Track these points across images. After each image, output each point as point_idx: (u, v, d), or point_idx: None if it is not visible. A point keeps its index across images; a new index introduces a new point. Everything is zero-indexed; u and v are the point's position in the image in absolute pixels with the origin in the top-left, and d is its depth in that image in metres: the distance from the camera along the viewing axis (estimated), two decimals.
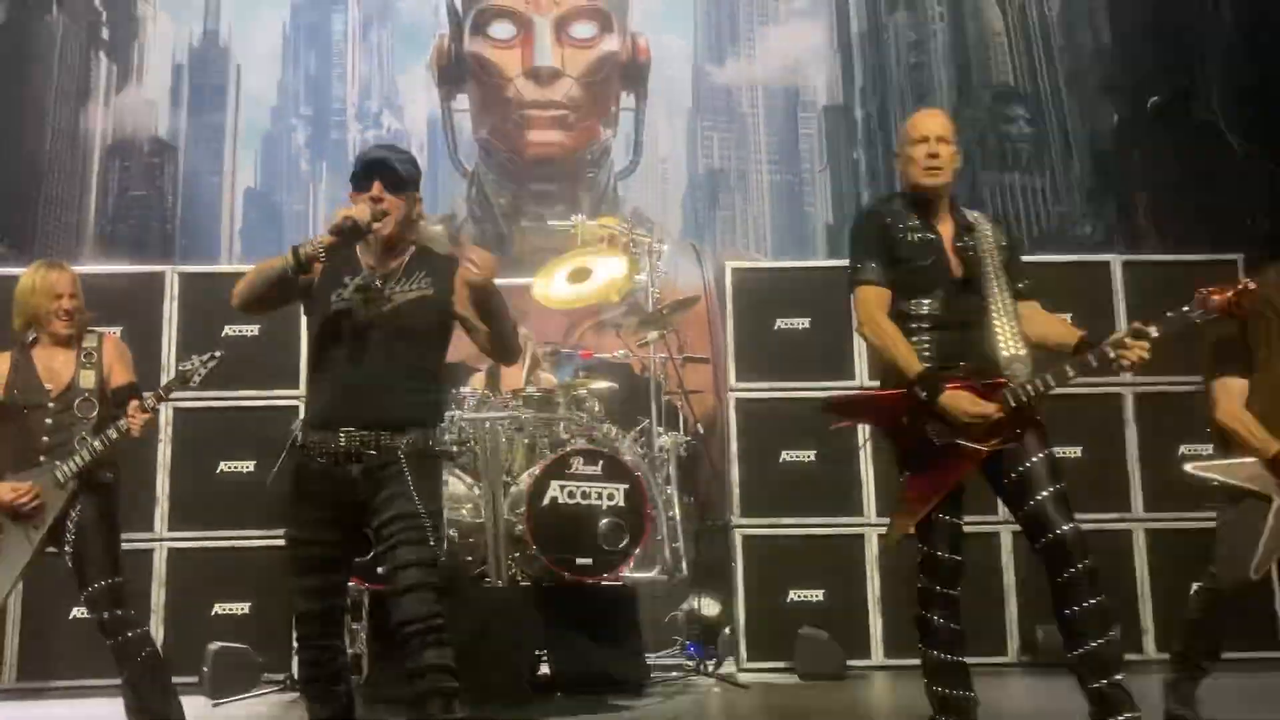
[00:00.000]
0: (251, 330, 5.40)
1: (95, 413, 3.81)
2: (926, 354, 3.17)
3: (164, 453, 5.30)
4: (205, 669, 4.84)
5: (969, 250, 3.27)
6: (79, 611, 5.09)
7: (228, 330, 5.40)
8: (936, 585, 3.18)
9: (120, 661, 3.78)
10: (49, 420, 3.80)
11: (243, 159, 7.31)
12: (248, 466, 5.27)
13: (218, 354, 3.79)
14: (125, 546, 5.06)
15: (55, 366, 3.89)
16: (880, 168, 7.25)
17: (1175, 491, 4.90)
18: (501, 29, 7.44)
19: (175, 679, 4.97)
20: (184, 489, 5.29)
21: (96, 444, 3.71)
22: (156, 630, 5.11)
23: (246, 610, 5.17)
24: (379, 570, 3.13)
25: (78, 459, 3.71)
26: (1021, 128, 7.30)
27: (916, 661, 5.03)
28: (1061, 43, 7.45)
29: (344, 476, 2.94)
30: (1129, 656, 5.04)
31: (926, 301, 3.22)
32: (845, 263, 5.54)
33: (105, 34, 7.47)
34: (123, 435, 3.68)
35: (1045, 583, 3.06)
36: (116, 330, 5.37)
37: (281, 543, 4.96)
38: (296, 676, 3.24)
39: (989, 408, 3.06)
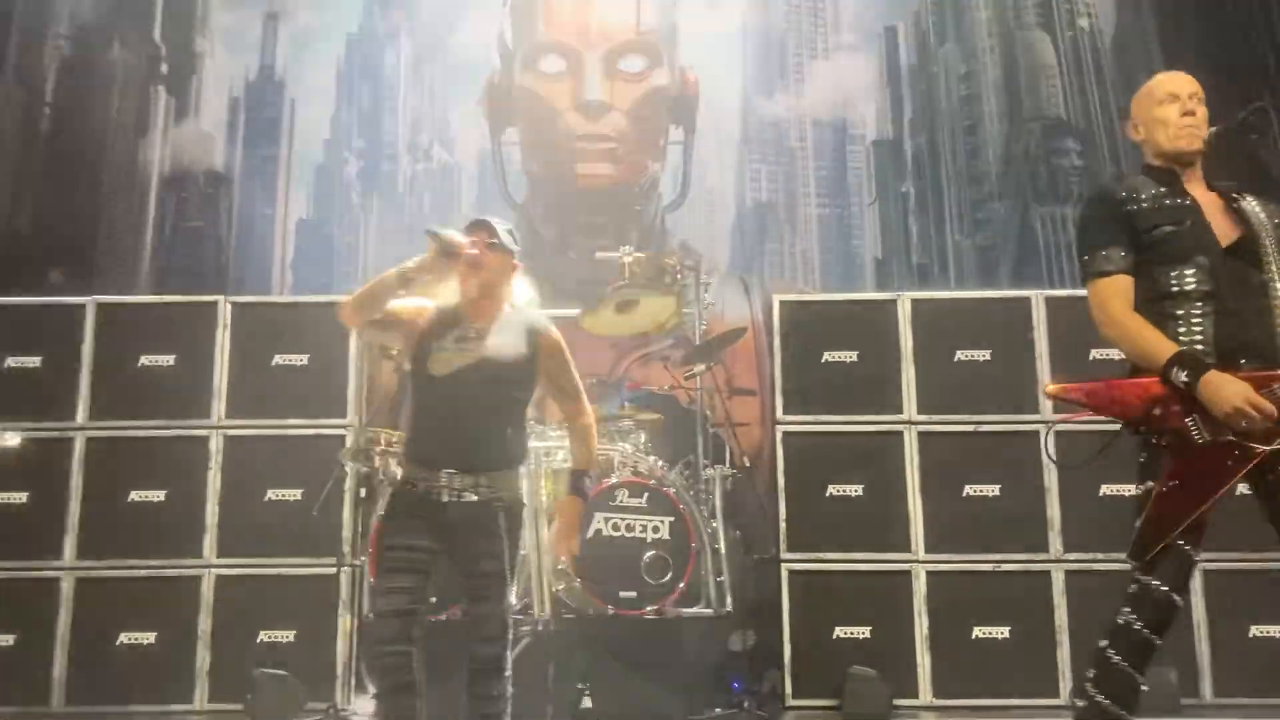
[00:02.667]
0: (301, 360, 5.47)
1: None
2: (1198, 339, 2.68)
3: (213, 480, 5.34)
4: (249, 696, 4.85)
5: (1237, 214, 2.76)
6: (127, 637, 5.18)
7: (277, 359, 5.47)
8: (1142, 625, 2.65)
9: None
10: None
11: (295, 191, 7.42)
12: (295, 495, 5.29)
13: None
14: (174, 573, 5.24)
15: None
16: (930, 201, 7.20)
17: None
18: (551, 63, 7.51)
19: (219, 705, 5.07)
20: (232, 516, 5.33)
21: None
22: (202, 656, 5.15)
23: (291, 638, 5.18)
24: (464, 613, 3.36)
25: None
26: (1073, 160, 7.21)
27: (966, 702, 5.01)
28: (1114, 74, 7.37)
29: (441, 510, 3.20)
30: None
31: (1189, 273, 2.72)
32: (892, 296, 5.60)
33: (164, 69, 7.64)
34: None
35: (1096, 623, 2.84)
36: (169, 359, 5.48)
37: (326, 571, 5.10)
38: (379, 687, 3.21)
39: (1268, 406, 2.52)
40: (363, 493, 5.28)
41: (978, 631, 5.16)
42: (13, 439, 4.18)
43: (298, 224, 7.34)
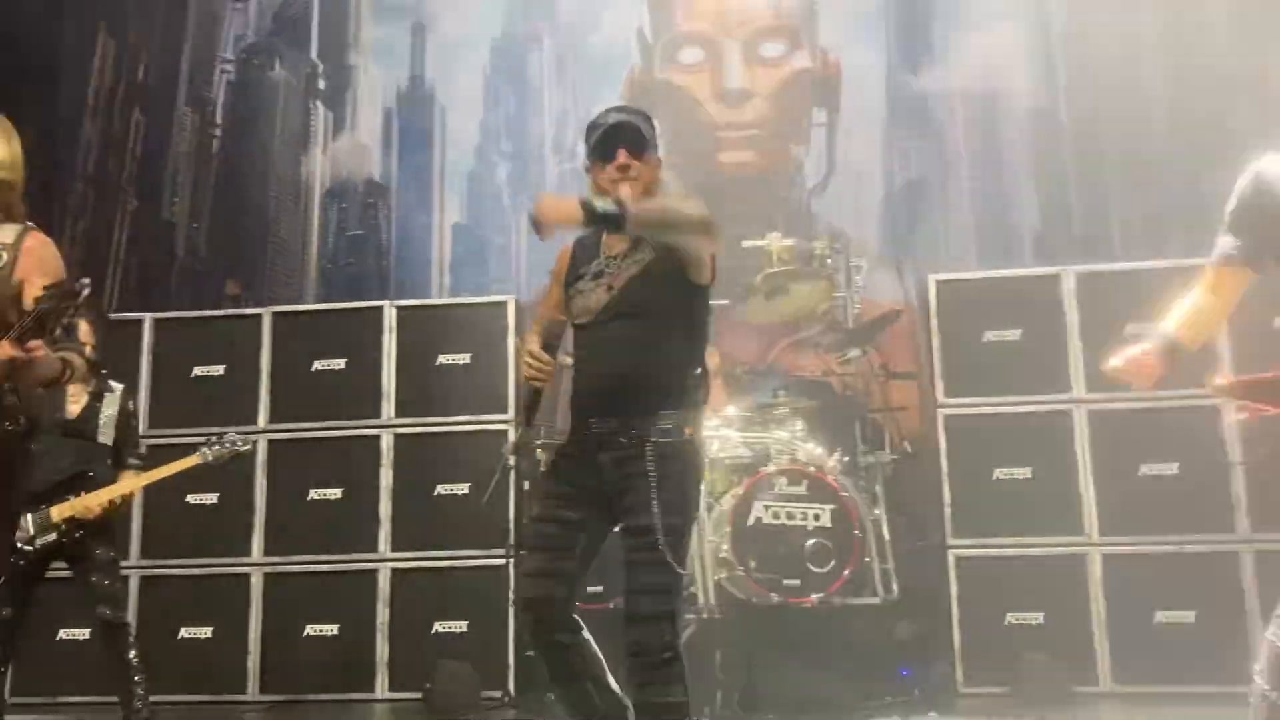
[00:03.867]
0: (463, 359, 5.64)
1: None
2: None
3: (385, 476, 5.56)
4: (427, 685, 5.04)
5: None
6: (312, 629, 5.45)
7: (441, 360, 5.66)
8: None
9: None
10: None
11: (450, 196, 7.63)
12: (462, 489, 5.47)
13: (84, 282, 2.60)
14: (353, 567, 5.48)
15: None
16: (1092, 170, 6.90)
17: None
18: (691, 54, 7.51)
19: (399, 695, 5.28)
20: (405, 511, 5.54)
21: None
22: (381, 647, 5.38)
23: (464, 628, 5.36)
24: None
25: None
26: (1246, 121, 6.80)
27: (1149, 689, 4.81)
28: None
29: (593, 464, 2.84)
30: None
31: None
32: (1055, 270, 5.40)
33: (321, 85, 7.97)
34: None
35: None
36: (340, 363, 5.73)
37: (496, 562, 5.25)
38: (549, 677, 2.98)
39: None
40: (526, 485, 5.41)
41: (1160, 616, 4.95)
42: (245, 444, 4.45)
43: (453, 228, 7.55)
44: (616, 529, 2.85)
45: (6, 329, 2.56)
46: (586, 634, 2.89)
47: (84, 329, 4.37)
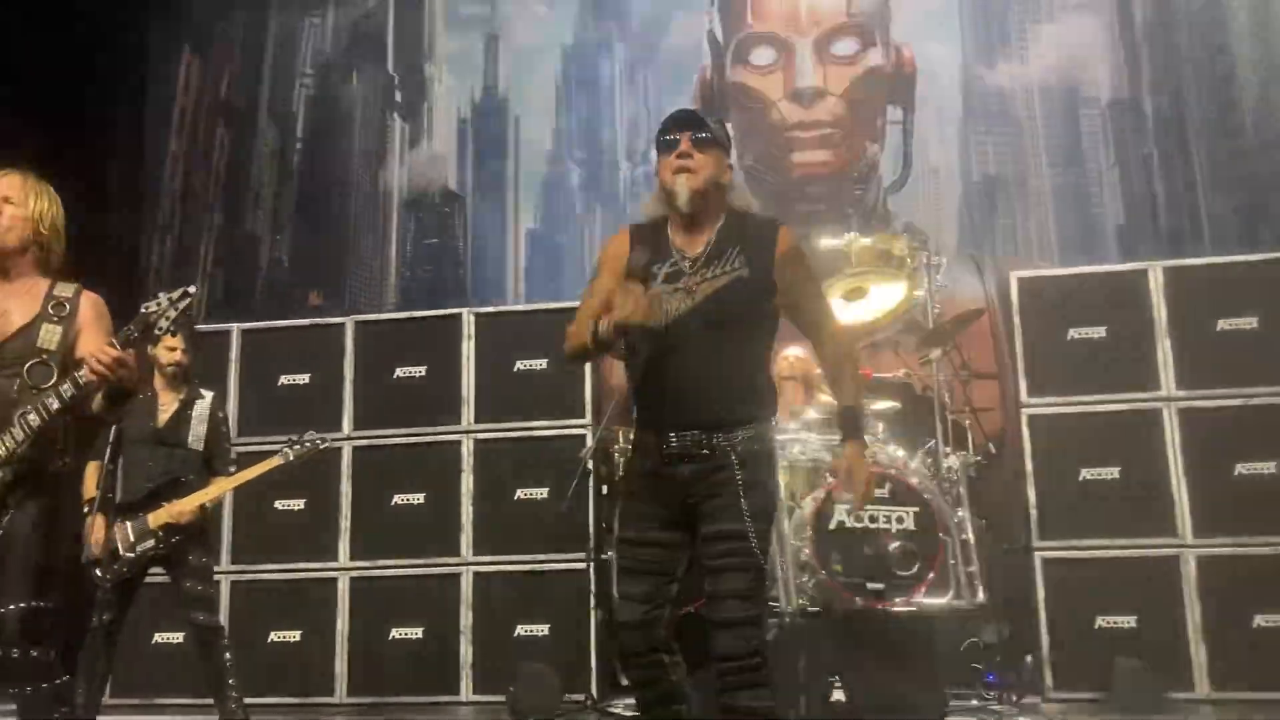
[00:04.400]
0: (540, 364, 5.68)
1: (52, 383, 2.86)
2: None
3: (466, 481, 5.63)
4: (511, 688, 5.08)
5: None
6: (397, 632, 5.53)
7: (519, 365, 5.71)
8: None
9: (30, 716, 2.85)
10: None
11: (524, 203, 7.70)
12: (542, 493, 5.51)
13: (190, 289, 2.93)
14: (436, 571, 5.55)
15: (7, 309, 2.95)
16: (1177, 162, 6.73)
17: None
18: (763, 55, 7.48)
19: (483, 697, 5.33)
20: (485, 515, 5.60)
21: (33, 418, 2.83)
22: (465, 650, 5.44)
23: (546, 632, 5.39)
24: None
25: (10, 438, 2.84)
26: None
27: (1250, 695, 4.66)
28: None
29: (674, 476, 2.79)
30: None
31: None
32: (1142, 265, 5.27)
33: (398, 97, 8.10)
34: (68, 401, 2.82)
35: None
36: (420, 370, 5.81)
37: (576, 566, 5.27)
38: (638, 699, 2.96)
39: None
40: (604, 490, 5.44)
41: (1260, 620, 4.80)
42: (325, 442, 4.54)
43: (527, 234, 7.62)
44: (700, 534, 2.81)
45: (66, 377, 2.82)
46: (679, 655, 2.87)
47: (176, 339, 4.51)
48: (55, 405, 2.81)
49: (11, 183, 3.02)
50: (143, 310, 2.83)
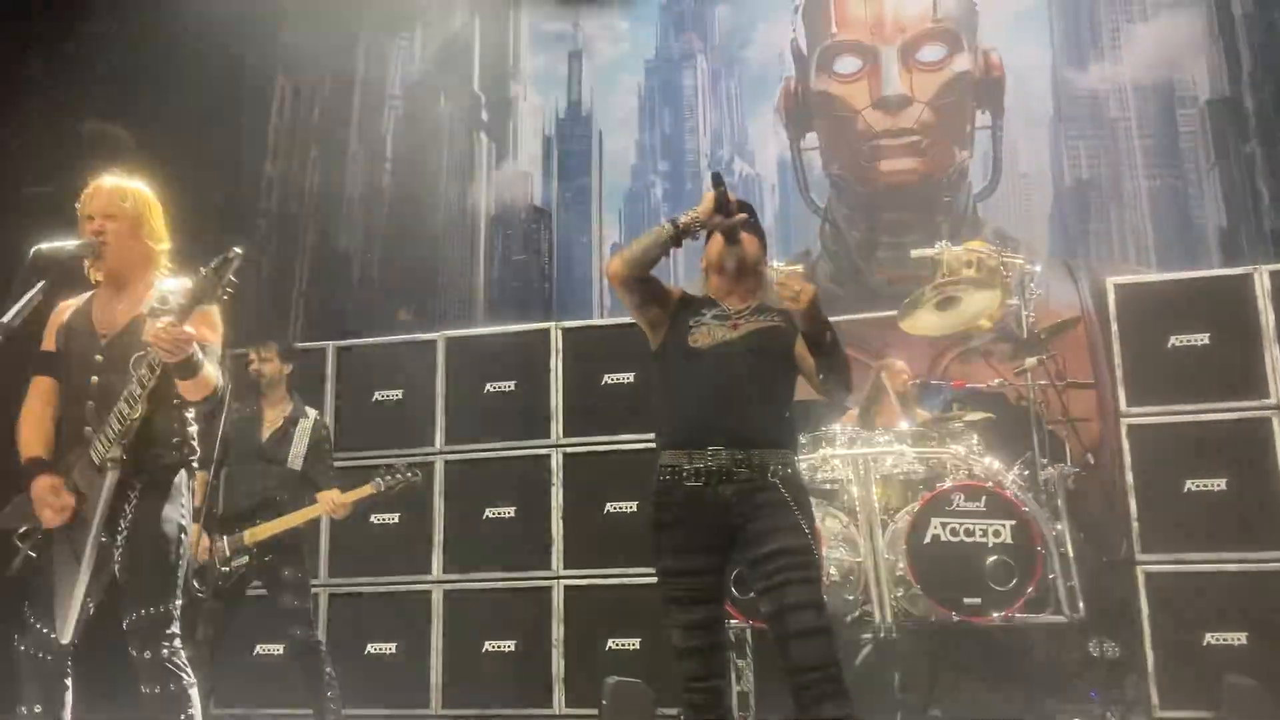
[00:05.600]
0: (627, 378, 5.70)
1: (156, 380, 2.85)
2: None
3: (557, 495, 5.67)
4: (603, 702, 5.09)
5: None
6: (490, 644, 5.58)
7: (607, 379, 5.73)
8: None
9: (157, 717, 2.86)
10: (95, 378, 2.94)
11: (608, 218, 7.77)
12: (632, 506, 5.51)
13: (235, 251, 2.82)
14: (528, 584, 5.60)
15: (114, 309, 3.03)
16: None
17: None
18: (847, 63, 7.43)
19: (576, 711, 5.36)
20: (577, 529, 5.63)
21: (124, 407, 2.83)
22: (557, 663, 5.47)
23: (637, 645, 5.40)
24: (761, 609, 2.92)
25: (109, 430, 2.85)
26: None
27: None
28: None
29: (715, 498, 2.88)
30: None
31: None
32: (1246, 270, 5.10)
33: (484, 115, 8.23)
34: (148, 385, 2.81)
35: None
36: (510, 385, 5.87)
37: None
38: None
39: None
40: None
41: None
42: (415, 475, 4.61)
43: (612, 248, 7.67)
44: (750, 555, 2.88)
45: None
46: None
47: (268, 350, 4.62)
48: (137, 391, 2.83)
49: (109, 197, 3.04)
50: (194, 279, 2.82)
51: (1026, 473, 5.00)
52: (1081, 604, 4.68)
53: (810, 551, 2.82)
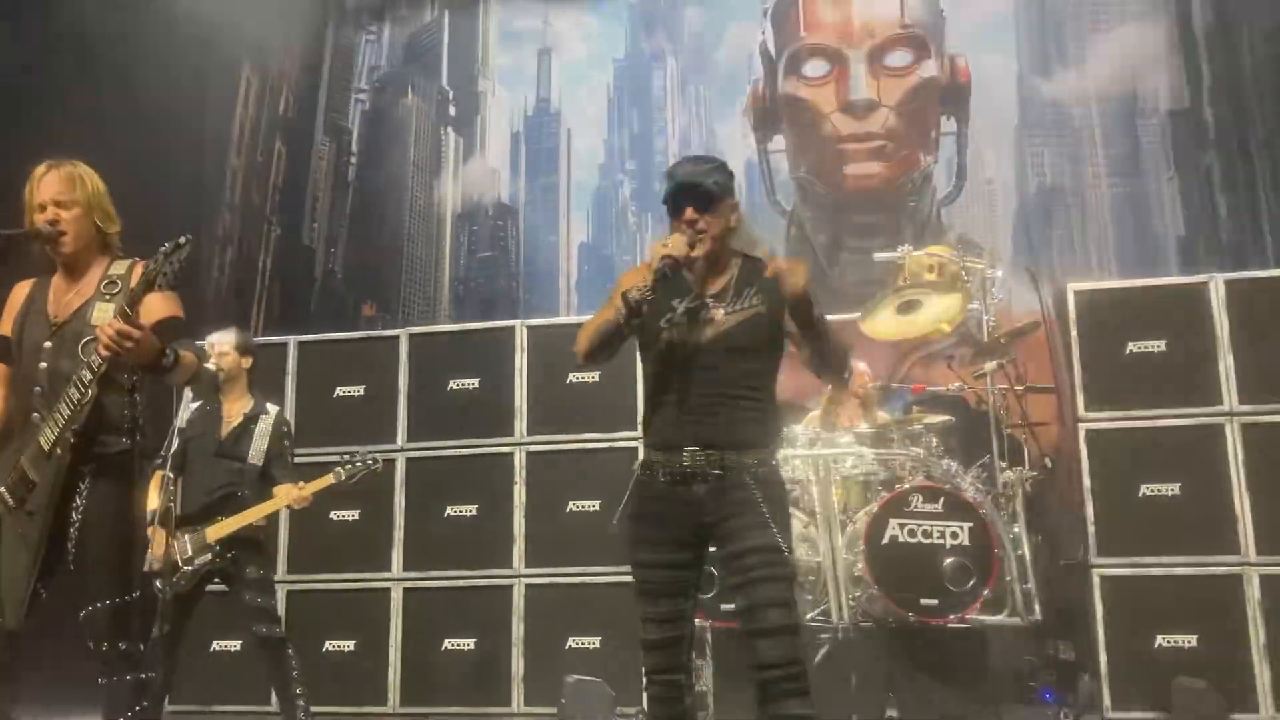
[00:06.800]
0: (593, 377, 5.68)
1: (106, 365, 2.79)
2: None
3: (518, 494, 5.66)
4: (562, 701, 5.09)
5: None
6: (449, 643, 5.56)
7: (572, 378, 5.71)
8: None
9: (111, 709, 2.84)
10: (44, 364, 2.92)
11: (576, 216, 7.76)
12: (594, 505, 5.51)
13: (185, 239, 2.75)
14: (488, 582, 5.58)
15: (67, 294, 3.00)
16: (1238, 172, 6.61)
17: None
18: (815, 67, 7.48)
19: (534, 709, 5.35)
20: (538, 528, 5.62)
21: (73, 391, 2.80)
22: (516, 662, 5.46)
23: (597, 644, 5.39)
24: (723, 607, 2.92)
25: (59, 415, 2.83)
26: None
27: None
28: None
29: (688, 496, 2.88)
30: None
31: None
32: (1204, 278, 5.18)
33: (452, 111, 8.20)
34: (97, 371, 2.79)
35: None
36: (474, 382, 5.85)
37: (627, 579, 5.27)
38: (649, 716, 3.07)
39: None
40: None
41: None
42: (376, 463, 4.57)
43: (579, 247, 7.67)
44: (722, 553, 2.89)
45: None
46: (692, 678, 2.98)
47: (225, 343, 4.57)
48: (87, 376, 2.80)
49: (57, 182, 2.99)
50: (144, 268, 2.76)
51: (985, 475, 5.05)
52: (1037, 606, 4.73)
53: (780, 550, 2.81)
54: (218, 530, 4.35)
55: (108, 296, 2.89)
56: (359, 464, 4.53)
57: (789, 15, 7.60)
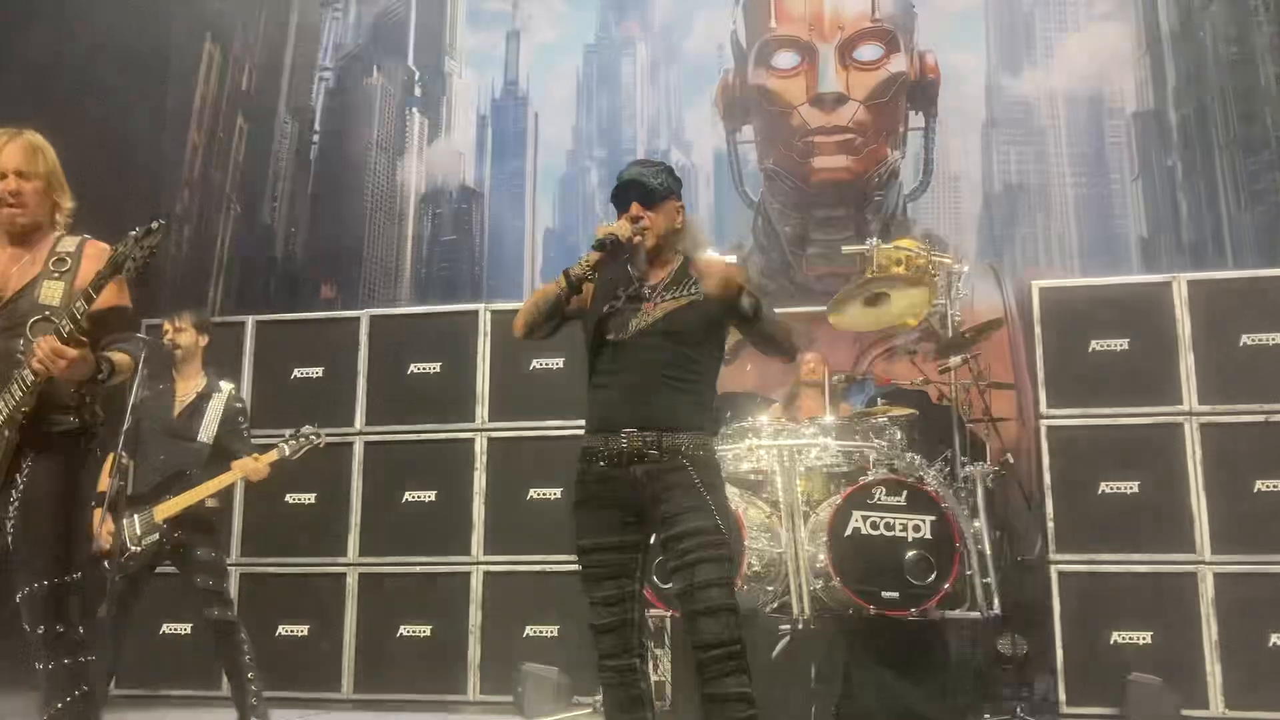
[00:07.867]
0: (556, 363, 5.64)
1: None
2: None
3: (478, 480, 5.59)
4: (519, 689, 5.05)
5: None
6: (405, 629, 5.50)
7: (534, 364, 5.67)
8: None
9: (49, 693, 2.71)
10: None
11: (542, 202, 7.69)
12: (555, 493, 5.47)
13: (158, 223, 2.65)
14: (446, 569, 5.52)
15: (14, 268, 2.88)
16: (1200, 174, 6.68)
17: None
18: (785, 59, 7.45)
19: (490, 697, 5.30)
20: (497, 515, 5.56)
21: (28, 374, 2.71)
22: (473, 649, 5.40)
23: (555, 633, 5.36)
24: (673, 588, 2.93)
25: (10, 396, 2.75)
26: None
27: (1265, 715, 4.61)
28: None
29: (626, 478, 2.91)
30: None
31: None
32: (1166, 278, 5.22)
33: (418, 91, 8.08)
34: (27, 388, 2.71)
35: None
36: (435, 366, 5.78)
37: None
38: (604, 704, 3.00)
39: None
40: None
41: (1277, 639, 4.74)
42: (320, 439, 4.49)
43: (545, 233, 7.60)
44: (662, 535, 2.91)
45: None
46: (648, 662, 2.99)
47: (181, 320, 4.47)
48: (29, 377, 2.72)
49: (19, 152, 2.89)
50: (113, 252, 2.66)
51: (947, 470, 5.05)
52: (996, 601, 4.75)
53: (719, 532, 2.85)
54: (165, 509, 4.24)
55: (56, 275, 2.80)
56: (303, 439, 4.46)
57: (760, 6, 7.57)
